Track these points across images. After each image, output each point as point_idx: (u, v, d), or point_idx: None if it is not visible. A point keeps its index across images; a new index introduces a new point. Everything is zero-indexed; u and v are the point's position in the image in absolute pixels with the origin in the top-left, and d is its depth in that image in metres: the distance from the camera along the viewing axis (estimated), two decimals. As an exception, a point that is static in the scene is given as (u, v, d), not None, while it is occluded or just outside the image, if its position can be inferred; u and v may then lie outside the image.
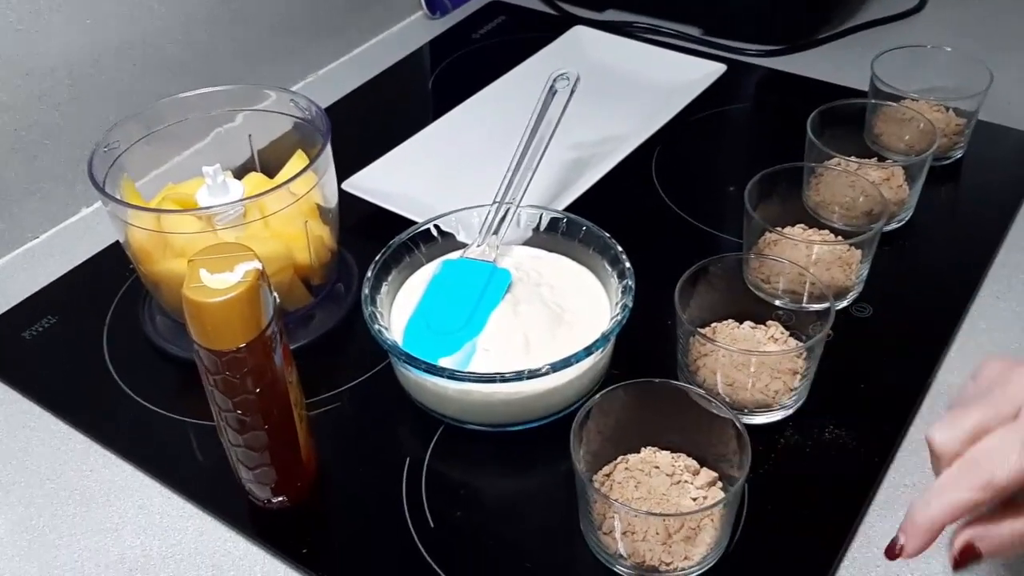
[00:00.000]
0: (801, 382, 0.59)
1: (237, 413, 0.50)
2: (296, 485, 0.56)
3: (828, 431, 0.59)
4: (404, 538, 0.55)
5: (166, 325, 0.69)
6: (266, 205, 0.62)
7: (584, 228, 0.65)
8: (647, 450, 0.55)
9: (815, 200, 0.73)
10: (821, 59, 0.98)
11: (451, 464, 0.59)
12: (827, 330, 0.58)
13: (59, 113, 0.79)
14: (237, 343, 0.47)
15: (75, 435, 0.63)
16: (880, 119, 0.79)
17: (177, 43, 0.86)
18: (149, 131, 0.68)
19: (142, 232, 0.63)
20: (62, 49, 0.77)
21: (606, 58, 0.95)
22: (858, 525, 0.55)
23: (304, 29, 0.98)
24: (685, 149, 0.85)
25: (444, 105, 0.89)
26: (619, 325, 0.58)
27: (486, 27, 1.08)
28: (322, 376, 0.65)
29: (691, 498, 0.53)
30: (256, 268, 0.47)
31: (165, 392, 0.65)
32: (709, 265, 0.62)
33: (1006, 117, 0.85)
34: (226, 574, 0.54)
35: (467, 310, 0.62)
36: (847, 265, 0.66)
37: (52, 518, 0.58)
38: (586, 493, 0.51)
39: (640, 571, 0.51)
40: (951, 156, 0.81)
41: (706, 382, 0.60)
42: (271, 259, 0.62)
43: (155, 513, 0.58)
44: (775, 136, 0.88)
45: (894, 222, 0.74)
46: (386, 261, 0.64)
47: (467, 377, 0.56)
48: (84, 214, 0.84)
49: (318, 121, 0.67)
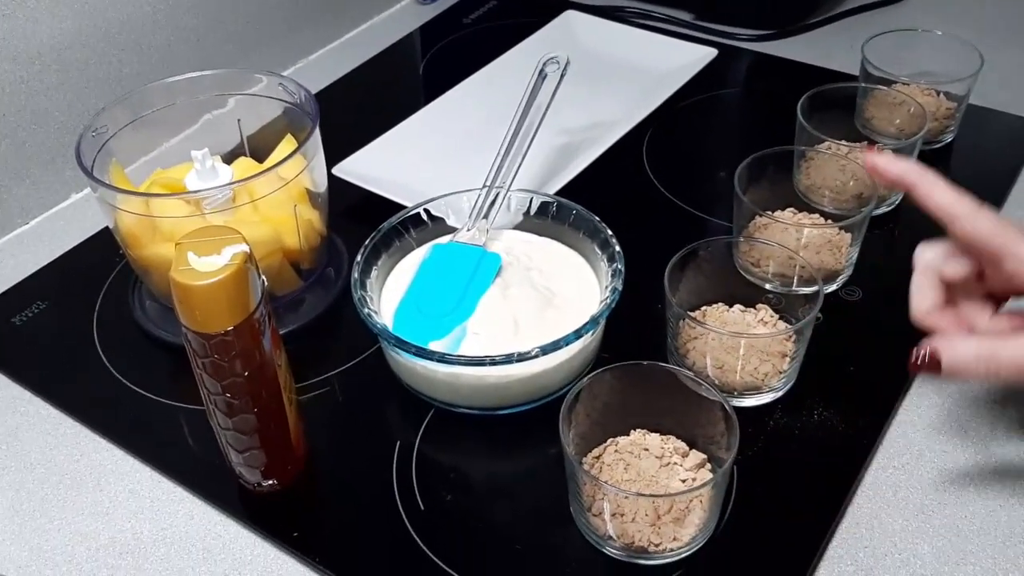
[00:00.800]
0: (790, 365, 0.59)
1: (226, 396, 0.50)
2: (286, 468, 0.56)
3: (817, 413, 0.59)
4: (394, 521, 0.55)
5: (156, 310, 0.69)
6: (255, 189, 0.62)
7: (574, 212, 0.65)
8: (636, 432, 0.56)
9: (805, 184, 0.73)
10: (812, 43, 0.98)
11: (441, 447, 0.59)
12: (816, 313, 0.58)
13: (47, 98, 0.78)
14: (225, 326, 0.47)
15: (65, 420, 0.63)
16: (870, 103, 0.79)
17: (165, 27, 0.85)
18: (137, 116, 0.68)
19: (131, 217, 0.62)
20: (49, 34, 0.77)
21: (597, 43, 0.95)
22: (846, 506, 0.55)
23: (295, 14, 0.98)
24: (676, 133, 0.85)
25: (435, 90, 0.88)
26: (609, 308, 0.58)
27: (477, 12, 1.07)
28: (312, 360, 0.65)
29: (680, 480, 0.53)
30: (244, 251, 0.47)
31: (155, 377, 0.65)
32: (699, 249, 0.62)
33: (996, 101, 0.86)
34: (216, 557, 0.55)
35: (457, 294, 0.62)
36: (837, 248, 0.67)
37: (43, 502, 0.58)
38: (576, 475, 0.51)
39: (629, 552, 0.51)
40: (941, 140, 0.81)
41: (695, 365, 0.60)
42: (260, 243, 0.62)
43: (145, 497, 0.58)
44: (766, 120, 0.88)
45: (884, 206, 0.74)
46: (376, 245, 0.64)
47: (457, 360, 0.56)
48: (74, 199, 0.83)
49: (307, 105, 0.67)
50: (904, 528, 0.54)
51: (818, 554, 0.52)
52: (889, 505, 0.55)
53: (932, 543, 0.53)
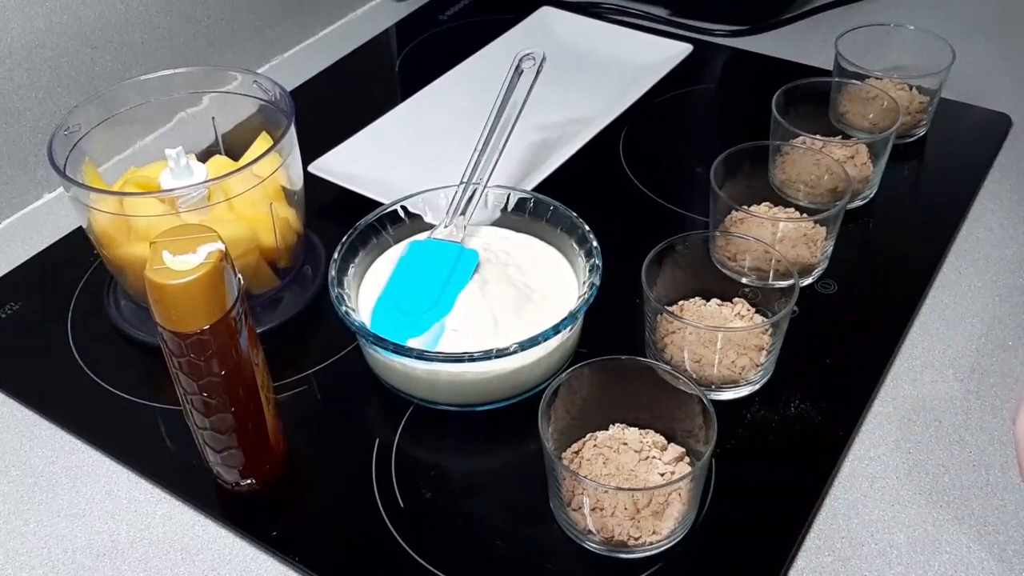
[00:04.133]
0: (767, 358, 0.60)
1: (203, 396, 0.50)
2: (264, 468, 0.56)
3: (794, 406, 0.60)
4: (375, 519, 0.55)
5: (131, 310, 0.68)
6: (230, 187, 0.62)
7: (552, 208, 0.65)
8: (615, 427, 0.56)
9: (780, 178, 0.73)
10: (786, 39, 0.99)
11: (420, 445, 0.59)
12: (792, 306, 0.58)
13: (18, 97, 0.77)
14: (201, 325, 0.47)
15: (40, 422, 0.63)
16: (844, 97, 0.80)
17: (138, 25, 0.85)
18: (110, 114, 0.67)
19: (105, 216, 0.62)
20: (19, 32, 0.76)
21: (573, 38, 0.95)
22: (824, 497, 0.55)
23: (268, 10, 0.97)
24: (652, 129, 0.86)
25: (411, 87, 0.88)
26: (587, 304, 0.58)
27: (452, 8, 1.07)
28: (290, 359, 0.65)
29: (659, 473, 0.53)
30: (219, 249, 0.46)
31: (131, 377, 0.64)
32: (676, 243, 0.62)
33: (968, 94, 0.86)
34: (195, 558, 0.54)
35: (435, 291, 0.61)
36: (812, 242, 0.67)
37: (18, 505, 0.58)
38: (555, 471, 0.51)
39: (609, 546, 0.51)
40: (914, 134, 0.82)
41: (673, 359, 0.60)
42: (236, 242, 0.61)
43: (123, 498, 0.58)
44: (741, 115, 0.88)
45: (858, 199, 0.75)
46: (353, 243, 0.64)
47: (435, 357, 0.56)
48: (46, 199, 0.82)
49: (282, 103, 0.67)
50: (880, 518, 0.54)
51: (796, 544, 0.53)
52: (865, 496, 0.55)
53: (908, 533, 0.53)
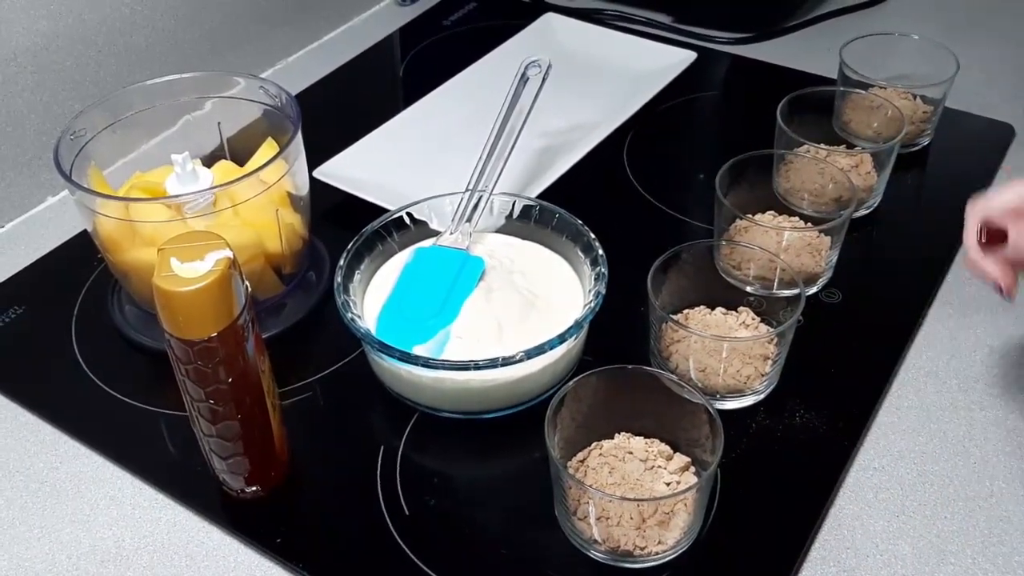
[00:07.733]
0: (772, 367, 0.60)
1: (210, 403, 0.50)
2: (269, 475, 0.56)
3: (799, 415, 0.60)
4: (379, 526, 0.55)
5: (135, 315, 0.68)
6: (236, 193, 0.62)
7: (557, 215, 0.66)
8: (621, 436, 0.56)
9: (785, 187, 0.73)
10: (790, 47, 0.99)
11: (425, 452, 0.59)
12: (797, 316, 0.58)
13: (23, 101, 0.77)
14: (209, 332, 0.46)
15: (44, 427, 0.62)
16: (848, 106, 0.80)
17: (143, 29, 0.85)
18: (116, 119, 0.67)
19: (110, 221, 0.62)
20: (24, 35, 0.76)
21: (577, 45, 0.95)
22: (829, 508, 0.55)
23: (273, 16, 0.97)
24: (656, 137, 0.86)
25: (415, 93, 0.88)
26: (592, 312, 0.58)
27: (457, 14, 1.07)
28: (294, 365, 0.65)
29: (664, 483, 0.53)
30: (227, 256, 0.46)
31: (135, 382, 0.64)
32: (681, 252, 0.62)
33: (972, 104, 0.86)
34: (200, 565, 0.54)
35: (440, 298, 0.61)
36: (817, 251, 0.67)
37: (22, 511, 0.58)
38: (560, 479, 0.51)
39: (615, 556, 0.51)
40: (918, 143, 0.82)
41: (678, 368, 0.60)
42: (242, 248, 0.61)
43: (127, 504, 0.58)
44: (745, 123, 0.88)
45: (863, 208, 0.75)
46: (358, 249, 0.64)
47: (441, 365, 0.56)
48: (51, 202, 0.82)
49: (288, 108, 0.67)
50: (885, 529, 0.54)
51: (801, 555, 0.53)
52: (870, 506, 0.55)
53: (913, 544, 0.53)
